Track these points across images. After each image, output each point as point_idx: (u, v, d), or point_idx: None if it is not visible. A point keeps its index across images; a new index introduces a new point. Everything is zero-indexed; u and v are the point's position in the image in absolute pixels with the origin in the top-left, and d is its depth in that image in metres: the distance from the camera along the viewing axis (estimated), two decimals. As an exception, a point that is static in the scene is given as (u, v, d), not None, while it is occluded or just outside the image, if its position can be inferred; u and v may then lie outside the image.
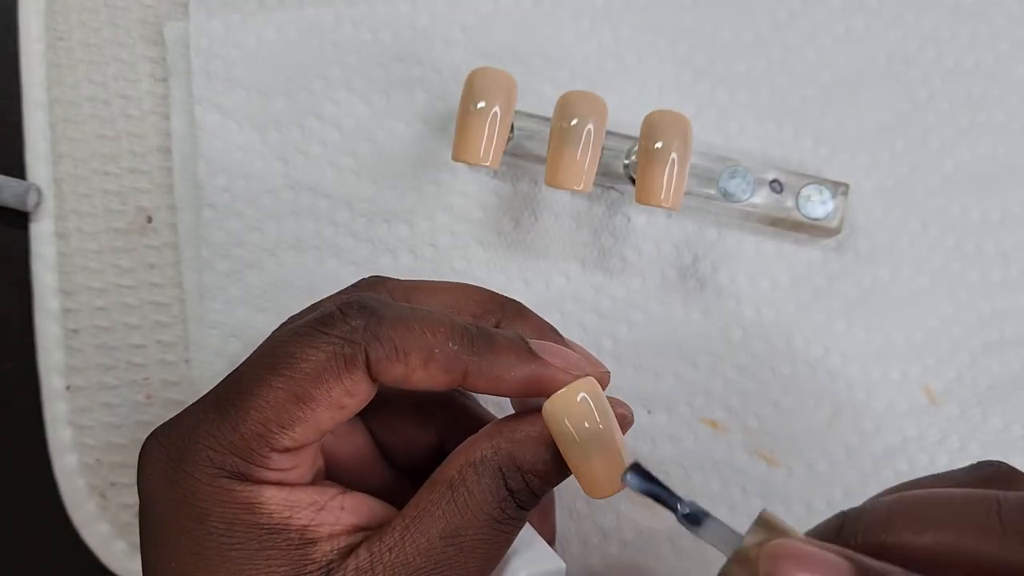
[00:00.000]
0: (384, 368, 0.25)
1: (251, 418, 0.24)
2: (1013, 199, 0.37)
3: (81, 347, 0.38)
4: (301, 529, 0.24)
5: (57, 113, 0.39)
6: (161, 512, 0.25)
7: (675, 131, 0.32)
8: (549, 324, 0.29)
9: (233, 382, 0.25)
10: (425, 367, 0.25)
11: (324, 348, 0.24)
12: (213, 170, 0.38)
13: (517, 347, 0.26)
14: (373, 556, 0.24)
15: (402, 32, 0.38)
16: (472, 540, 0.25)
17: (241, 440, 0.24)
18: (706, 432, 0.36)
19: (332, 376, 0.24)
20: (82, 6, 0.39)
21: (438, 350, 0.25)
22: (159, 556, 0.25)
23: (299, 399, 0.24)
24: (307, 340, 0.24)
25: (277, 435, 0.24)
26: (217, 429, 0.24)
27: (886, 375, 0.36)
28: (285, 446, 0.24)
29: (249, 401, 0.24)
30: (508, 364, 0.25)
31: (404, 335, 0.25)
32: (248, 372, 0.25)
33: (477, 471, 0.25)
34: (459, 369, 0.25)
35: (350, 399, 0.25)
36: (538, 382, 0.26)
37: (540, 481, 0.25)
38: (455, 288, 0.29)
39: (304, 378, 0.24)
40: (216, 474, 0.24)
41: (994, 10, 0.38)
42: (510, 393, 0.26)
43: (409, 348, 0.25)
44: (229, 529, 0.24)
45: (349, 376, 0.24)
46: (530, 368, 0.25)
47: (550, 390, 0.26)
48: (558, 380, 0.26)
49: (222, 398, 0.25)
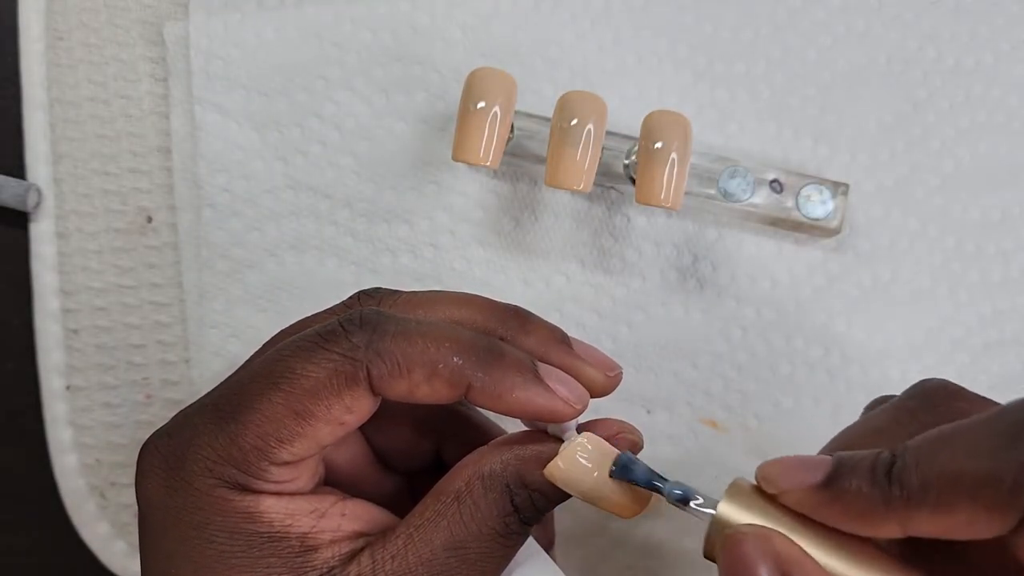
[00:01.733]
0: (387, 384, 0.24)
1: (249, 432, 0.24)
2: (1013, 199, 0.37)
3: (81, 347, 0.38)
4: (302, 536, 0.24)
5: (57, 113, 0.39)
6: (160, 520, 0.25)
7: (675, 131, 0.32)
8: (557, 330, 0.28)
9: (233, 393, 0.25)
10: (429, 382, 0.25)
11: (325, 365, 0.24)
12: (213, 170, 0.38)
13: (523, 368, 0.25)
14: (375, 563, 0.24)
15: (402, 32, 0.38)
16: (475, 553, 0.25)
17: (239, 453, 0.24)
18: (706, 432, 0.36)
19: (332, 393, 0.24)
20: (82, 6, 0.39)
21: (442, 365, 0.24)
22: (159, 564, 0.25)
23: (298, 415, 0.24)
24: (308, 355, 0.24)
25: (276, 449, 0.24)
26: (215, 440, 0.24)
27: (886, 375, 0.36)
28: (284, 460, 0.24)
29: (248, 415, 0.24)
30: (512, 384, 0.25)
31: (407, 350, 0.24)
32: (248, 385, 0.25)
33: (484, 484, 0.25)
34: (463, 384, 0.25)
35: (350, 415, 0.25)
36: (539, 410, 0.25)
37: (546, 500, 0.25)
38: (459, 299, 0.28)
39: (304, 394, 0.24)
40: (215, 484, 0.24)
41: (994, 10, 0.38)
42: (510, 413, 0.25)
43: (413, 364, 0.24)
44: (229, 538, 0.24)
45: (349, 393, 0.24)
46: (534, 392, 0.25)
47: (550, 419, 0.26)
48: (558, 411, 0.25)
49: (221, 408, 0.25)
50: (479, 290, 0.37)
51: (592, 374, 0.27)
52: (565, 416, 0.25)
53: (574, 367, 0.27)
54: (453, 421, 0.30)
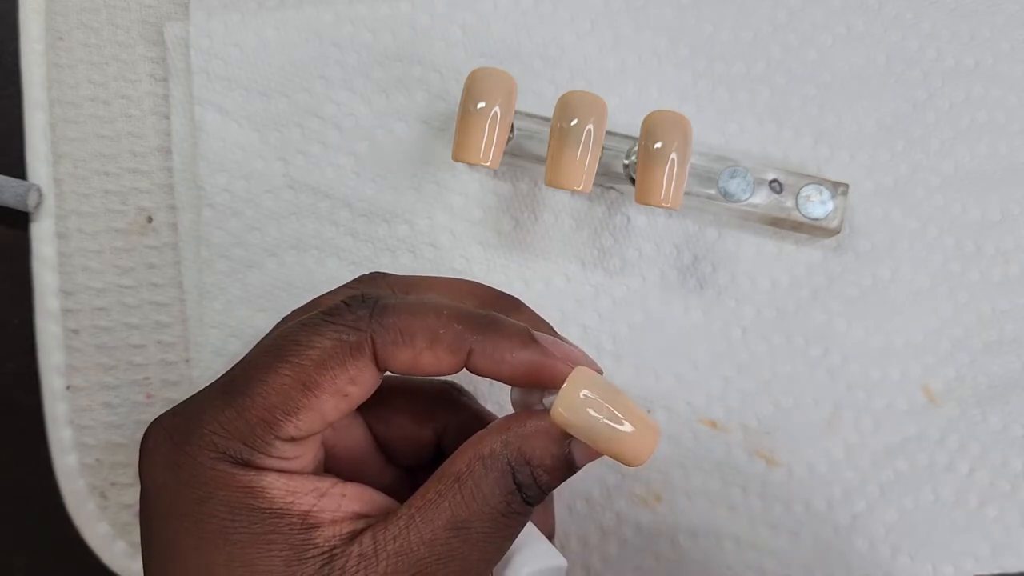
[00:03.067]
0: (391, 354, 0.25)
1: (257, 404, 0.24)
2: (1013, 199, 0.37)
3: (81, 347, 0.38)
4: (303, 514, 0.24)
5: (57, 113, 0.39)
6: (162, 496, 0.25)
7: (675, 131, 0.32)
8: (544, 320, 0.29)
9: (240, 370, 0.25)
10: (432, 348, 0.25)
11: (330, 335, 0.25)
12: (213, 170, 0.38)
13: (520, 332, 0.26)
14: (377, 543, 0.24)
15: (402, 32, 0.38)
16: (477, 533, 0.25)
17: (246, 426, 0.24)
18: (706, 432, 0.36)
19: (337, 363, 0.25)
20: (82, 6, 0.39)
21: (443, 331, 0.25)
22: (160, 539, 0.25)
23: (305, 386, 0.24)
24: (314, 328, 0.25)
25: (282, 422, 0.24)
26: (222, 414, 0.24)
27: (886, 375, 0.36)
28: (290, 435, 0.24)
29: (255, 387, 0.24)
30: (511, 347, 0.26)
31: (409, 320, 0.25)
32: (255, 360, 0.25)
33: (485, 464, 0.25)
34: (464, 349, 0.25)
35: (354, 387, 0.25)
36: (539, 369, 0.26)
37: (548, 476, 0.25)
38: (453, 283, 0.29)
39: (311, 365, 0.24)
40: (219, 458, 0.24)
41: (994, 10, 0.38)
42: (511, 378, 0.26)
43: (415, 332, 0.25)
44: (231, 513, 0.24)
45: (354, 363, 0.25)
46: (532, 354, 0.26)
47: (548, 379, 0.26)
48: (557, 369, 0.26)
49: (228, 385, 0.25)
50: (479, 290, 0.37)
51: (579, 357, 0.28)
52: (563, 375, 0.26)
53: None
54: (453, 411, 0.30)
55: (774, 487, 0.36)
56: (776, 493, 0.36)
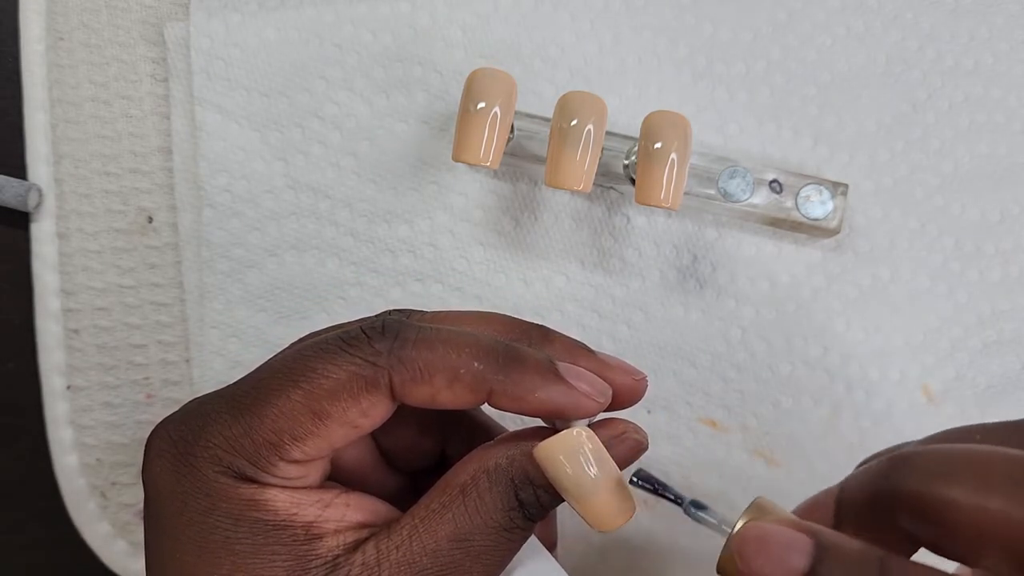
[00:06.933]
0: (409, 390, 0.25)
1: (265, 426, 0.24)
2: (1013, 199, 0.37)
3: (82, 347, 0.38)
4: (307, 525, 0.24)
5: (58, 113, 0.39)
6: (167, 504, 0.25)
7: (675, 131, 0.32)
8: (579, 343, 0.28)
9: (251, 387, 0.25)
10: (451, 387, 0.25)
11: (346, 367, 0.24)
12: (214, 170, 0.38)
13: (543, 368, 0.26)
14: (380, 553, 0.24)
15: (402, 32, 0.38)
16: (479, 545, 0.25)
17: (252, 446, 0.24)
18: (706, 432, 0.36)
19: (350, 396, 0.24)
20: (83, 7, 0.39)
21: (463, 370, 0.25)
22: (163, 548, 0.25)
23: (315, 414, 0.24)
24: (330, 357, 0.25)
25: (288, 446, 0.24)
26: (229, 430, 0.24)
27: (885, 375, 0.36)
28: (295, 458, 0.24)
29: (264, 409, 0.24)
30: (533, 385, 0.25)
31: (429, 356, 0.25)
32: (267, 379, 0.25)
33: (490, 478, 0.25)
34: (484, 388, 0.25)
35: (365, 419, 0.25)
36: (562, 406, 0.25)
37: (550, 496, 0.25)
38: (480, 316, 0.28)
39: (323, 395, 0.24)
40: (222, 472, 0.24)
41: (994, 10, 0.38)
42: (533, 413, 0.26)
43: (434, 369, 0.25)
44: (234, 524, 0.24)
45: (367, 398, 0.24)
46: (555, 390, 0.25)
47: (573, 415, 0.26)
48: (581, 406, 0.25)
49: (238, 400, 0.25)
50: (479, 290, 0.37)
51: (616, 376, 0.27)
52: (589, 410, 0.26)
53: (598, 369, 0.27)
54: (458, 421, 0.30)
55: (774, 487, 0.36)
56: (776, 493, 0.36)
